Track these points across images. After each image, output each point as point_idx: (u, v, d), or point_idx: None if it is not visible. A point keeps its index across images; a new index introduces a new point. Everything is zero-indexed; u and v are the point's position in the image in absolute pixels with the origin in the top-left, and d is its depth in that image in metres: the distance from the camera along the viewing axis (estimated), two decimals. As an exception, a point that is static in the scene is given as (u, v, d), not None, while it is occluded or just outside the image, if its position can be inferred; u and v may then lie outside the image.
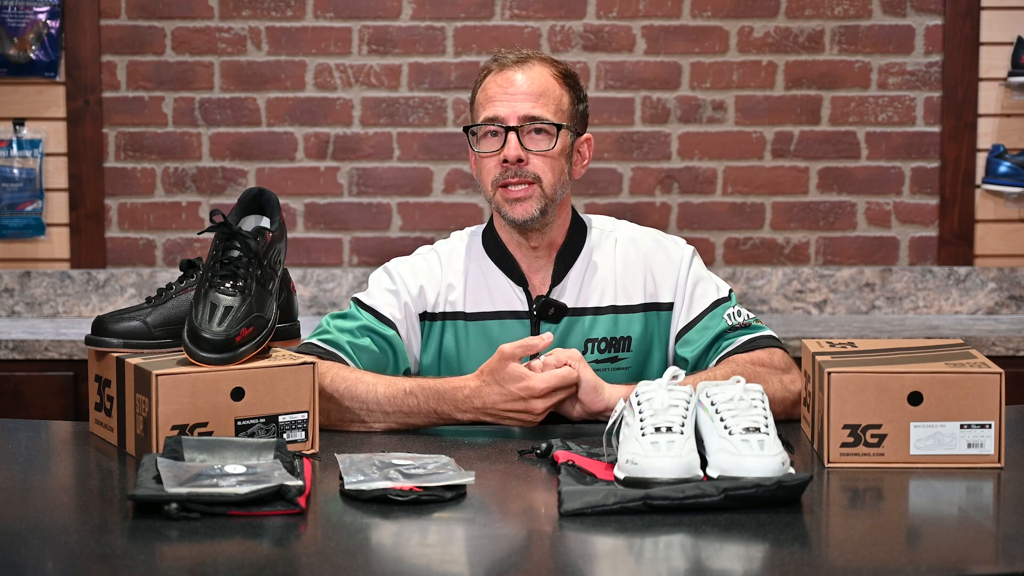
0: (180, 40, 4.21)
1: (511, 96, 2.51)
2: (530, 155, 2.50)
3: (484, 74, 2.57)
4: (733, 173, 4.27)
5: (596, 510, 1.85)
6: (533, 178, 2.50)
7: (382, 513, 1.87)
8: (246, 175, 4.24)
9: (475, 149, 2.54)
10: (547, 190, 2.52)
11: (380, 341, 2.53)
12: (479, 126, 2.53)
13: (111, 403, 2.25)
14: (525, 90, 2.51)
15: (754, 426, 1.95)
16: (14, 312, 4.20)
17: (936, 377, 2.11)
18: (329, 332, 2.53)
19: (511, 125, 2.50)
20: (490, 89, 2.54)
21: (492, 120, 2.51)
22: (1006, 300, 4.26)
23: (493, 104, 2.52)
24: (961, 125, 4.24)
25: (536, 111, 2.51)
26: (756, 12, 4.23)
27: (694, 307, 2.57)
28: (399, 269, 2.61)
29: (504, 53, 2.57)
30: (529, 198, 2.51)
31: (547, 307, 2.55)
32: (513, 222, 2.52)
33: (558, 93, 2.54)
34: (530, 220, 2.51)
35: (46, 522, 1.87)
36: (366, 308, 2.56)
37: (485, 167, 2.53)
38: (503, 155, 2.50)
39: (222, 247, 2.21)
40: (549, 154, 2.51)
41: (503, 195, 2.52)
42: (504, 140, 2.50)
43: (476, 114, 2.56)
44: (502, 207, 2.52)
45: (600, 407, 2.36)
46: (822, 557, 1.74)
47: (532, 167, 2.50)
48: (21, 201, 4.16)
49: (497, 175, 2.51)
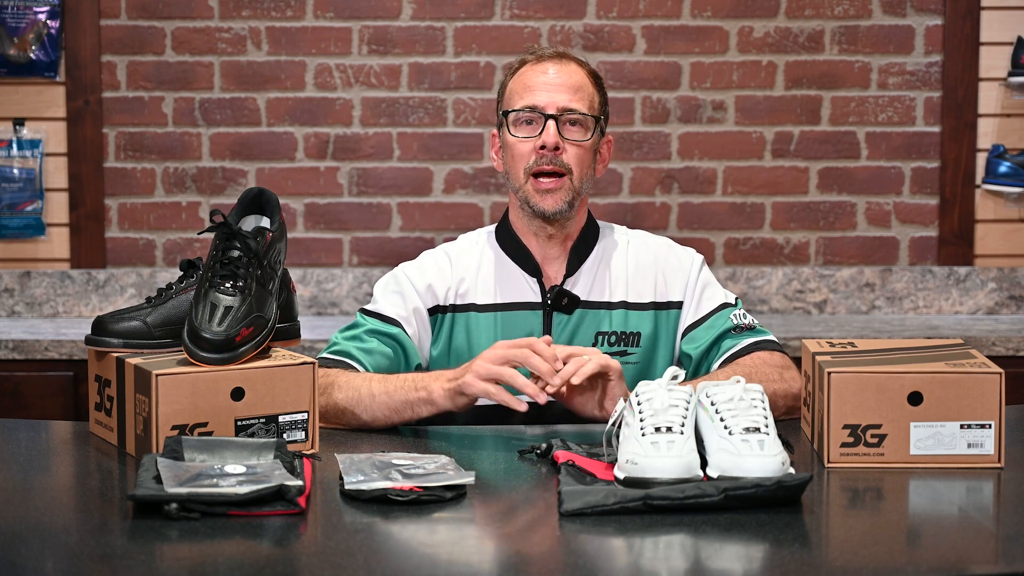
0: (180, 40, 4.21)
1: (551, 87, 2.56)
2: (566, 144, 2.54)
3: (520, 64, 2.62)
4: (733, 173, 4.27)
5: (596, 510, 1.85)
6: (566, 169, 2.54)
7: (382, 513, 1.87)
8: (246, 175, 4.24)
9: (512, 133, 2.57)
10: (576, 183, 2.56)
11: (388, 341, 2.54)
12: (517, 111, 2.56)
13: (111, 403, 2.25)
14: (564, 82, 2.57)
15: (754, 426, 1.95)
16: (14, 312, 4.20)
17: (936, 377, 2.11)
18: (337, 344, 2.56)
19: (550, 113, 2.54)
20: (528, 78, 2.58)
21: (531, 108, 2.55)
22: (1006, 300, 4.26)
23: (532, 92, 2.57)
24: (961, 125, 4.24)
25: (574, 103, 2.56)
26: (756, 12, 4.23)
27: (702, 307, 2.60)
28: (405, 271, 2.63)
29: (540, 48, 2.63)
30: (559, 190, 2.55)
31: (561, 297, 2.58)
32: (543, 213, 2.55)
33: (591, 91, 2.60)
34: (558, 212, 2.55)
35: (46, 522, 1.87)
36: (371, 314, 2.58)
37: (519, 152, 2.56)
38: (541, 141, 2.54)
39: (222, 247, 2.21)
40: (583, 145, 2.56)
41: (534, 186, 2.55)
42: (542, 128, 2.54)
43: (511, 101, 2.60)
44: (532, 198, 2.55)
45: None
46: (822, 557, 1.74)
47: (567, 157, 2.55)
48: (21, 201, 4.16)
49: (532, 161, 2.55)
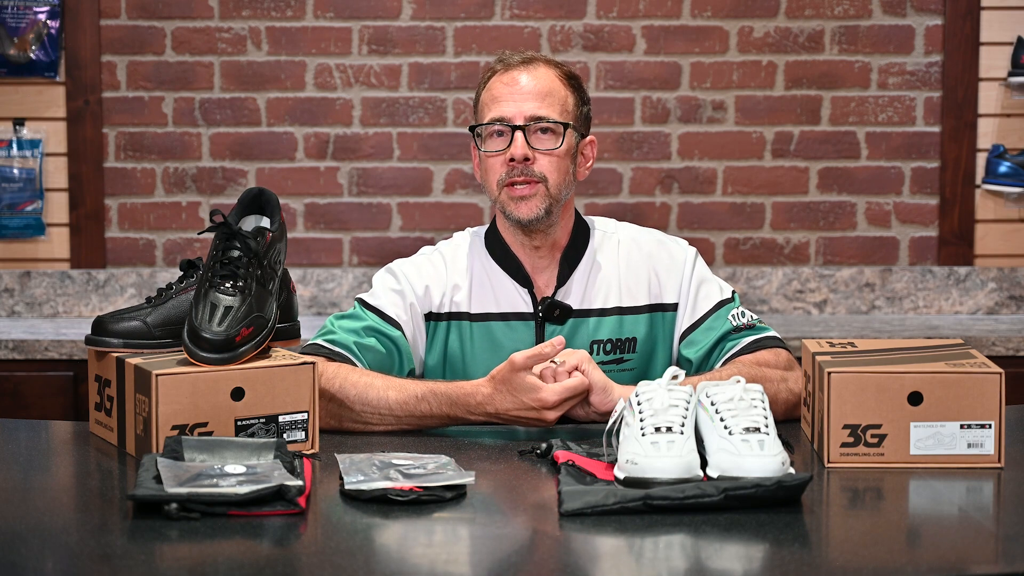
0: (180, 40, 4.21)
1: (517, 96, 2.51)
2: (536, 154, 2.50)
3: (488, 75, 2.56)
4: (733, 173, 4.27)
5: (596, 510, 1.85)
6: (539, 177, 2.50)
7: (382, 513, 1.87)
8: (246, 175, 4.24)
9: (481, 149, 2.53)
10: (552, 190, 2.51)
11: (386, 342, 2.52)
12: (485, 126, 2.52)
13: (111, 403, 2.25)
14: (531, 90, 2.51)
15: (754, 426, 1.95)
16: (14, 312, 4.20)
17: (936, 377, 2.11)
18: (334, 332, 2.51)
19: (517, 124, 2.50)
20: (495, 89, 2.53)
21: (498, 120, 2.51)
22: (1006, 300, 4.26)
23: (499, 104, 2.52)
24: (961, 125, 4.24)
25: (542, 111, 2.50)
26: (756, 12, 4.23)
27: (698, 308, 2.56)
28: (404, 269, 2.60)
29: (509, 54, 2.56)
30: (534, 196, 2.50)
31: (552, 308, 2.55)
32: (518, 221, 2.51)
33: (563, 94, 2.54)
34: (535, 220, 2.51)
35: (46, 522, 1.87)
36: (371, 309, 2.55)
37: (491, 167, 2.52)
38: (509, 154, 2.49)
39: (222, 247, 2.21)
40: (555, 153, 2.51)
41: (508, 193, 2.51)
42: (511, 139, 2.50)
43: (481, 114, 2.55)
44: (507, 206, 2.51)
45: (609, 407, 2.35)
46: (822, 557, 1.74)
47: (538, 166, 2.50)
48: (21, 201, 4.16)
49: (503, 175, 2.50)
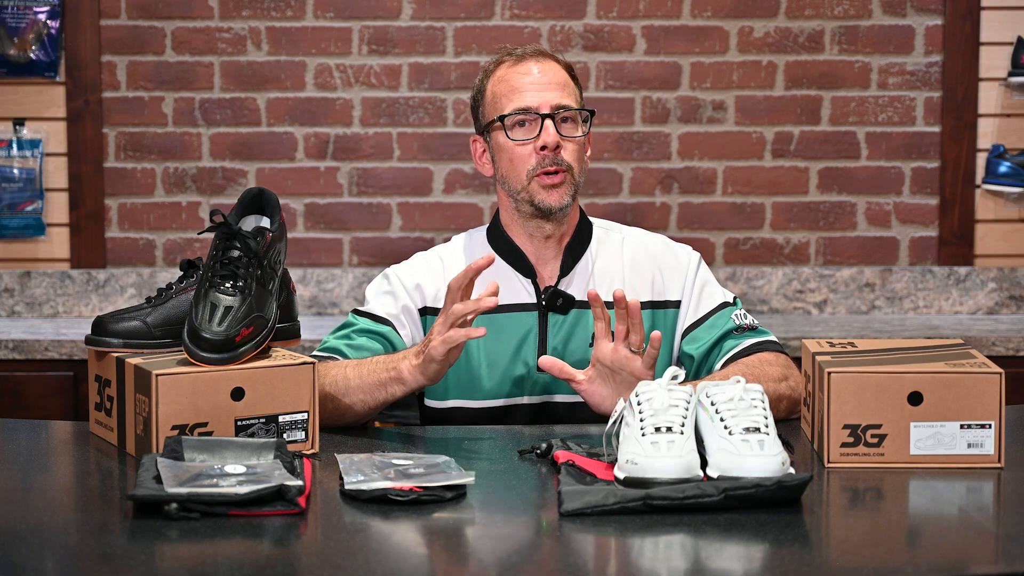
0: (180, 40, 4.21)
1: (538, 86, 2.52)
2: (564, 141, 2.52)
3: (495, 66, 2.57)
4: (733, 173, 4.27)
5: (596, 510, 1.85)
6: (566, 166, 2.52)
7: (382, 513, 1.87)
8: (246, 175, 4.24)
9: (510, 137, 2.53)
10: (576, 177, 2.54)
11: (376, 337, 2.53)
12: (510, 115, 2.52)
13: (111, 403, 2.25)
14: (550, 80, 2.53)
15: (754, 426, 1.95)
16: (14, 312, 4.20)
17: (936, 377, 2.11)
18: (327, 343, 2.55)
19: (545, 113, 2.51)
20: (513, 80, 2.54)
21: (525, 110, 2.52)
22: (1006, 300, 4.26)
23: (520, 94, 2.52)
24: (961, 125, 4.24)
25: (565, 100, 2.53)
26: (756, 12, 4.23)
27: (702, 306, 2.57)
28: (395, 272, 2.61)
29: (513, 47, 2.58)
30: (563, 184, 2.52)
31: (556, 298, 2.55)
32: (549, 210, 2.52)
33: (573, 86, 2.57)
34: (564, 207, 2.53)
35: (46, 522, 1.87)
36: (362, 314, 2.57)
37: (518, 155, 2.52)
38: (541, 142, 2.50)
39: (222, 247, 2.21)
40: (578, 141, 2.54)
41: (540, 183, 2.51)
42: (539, 129, 2.51)
43: (497, 106, 2.55)
44: (537, 195, 2.52)
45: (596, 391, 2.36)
46: (822, 557, 1.74)
47: (565, 154, 2.52)
48: (21, 201, 4.16)
49: (534, 164, 2.51)
